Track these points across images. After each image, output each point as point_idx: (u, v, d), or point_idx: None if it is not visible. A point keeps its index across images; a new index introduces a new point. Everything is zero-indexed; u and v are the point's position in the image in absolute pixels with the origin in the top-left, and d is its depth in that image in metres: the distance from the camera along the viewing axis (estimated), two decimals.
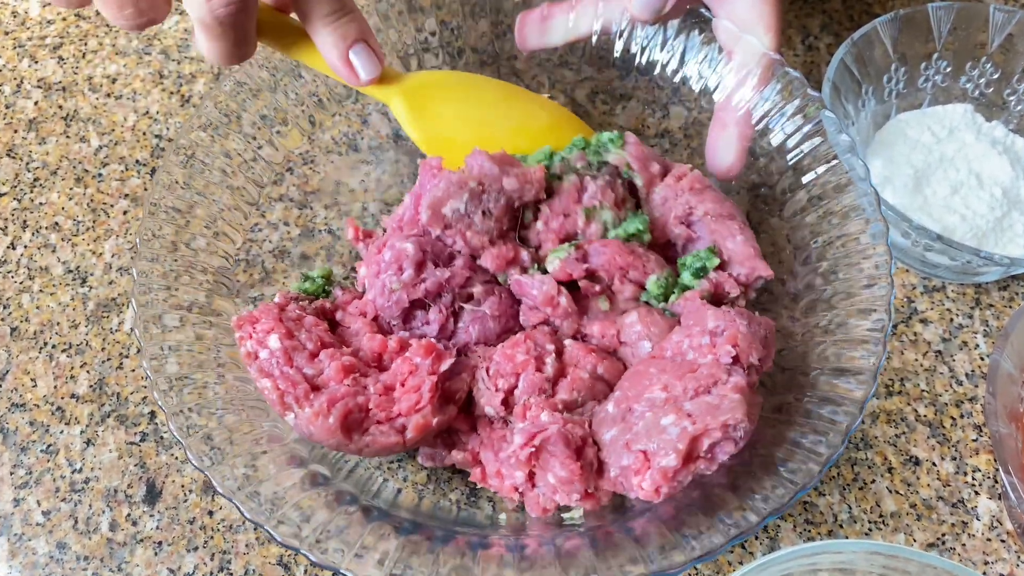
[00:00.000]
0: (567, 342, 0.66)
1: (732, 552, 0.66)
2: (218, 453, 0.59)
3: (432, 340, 0.64)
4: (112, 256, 0.81)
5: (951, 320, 0.76)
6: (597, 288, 0.67)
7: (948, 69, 0.83)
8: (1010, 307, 0.77)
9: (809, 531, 0.67)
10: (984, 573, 0.65)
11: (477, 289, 0.67)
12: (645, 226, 0.69)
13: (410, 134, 0.73)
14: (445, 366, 0.62)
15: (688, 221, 0.70)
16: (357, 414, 0.60)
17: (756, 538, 0.66)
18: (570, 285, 0.67)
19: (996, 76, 0.82)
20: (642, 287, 0.68)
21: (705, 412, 0.56)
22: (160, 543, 0.67)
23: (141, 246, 0.66)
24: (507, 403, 0.63)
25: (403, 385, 0.62)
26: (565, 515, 0.64)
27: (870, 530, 0.67)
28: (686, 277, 0.68)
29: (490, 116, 0.74)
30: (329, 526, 0.57)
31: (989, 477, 0.69)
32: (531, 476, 0.61)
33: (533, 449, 0.59)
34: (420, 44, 0.82)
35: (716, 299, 0.68)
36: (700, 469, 0.57)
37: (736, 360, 0.59)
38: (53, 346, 0.76)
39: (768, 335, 0.62)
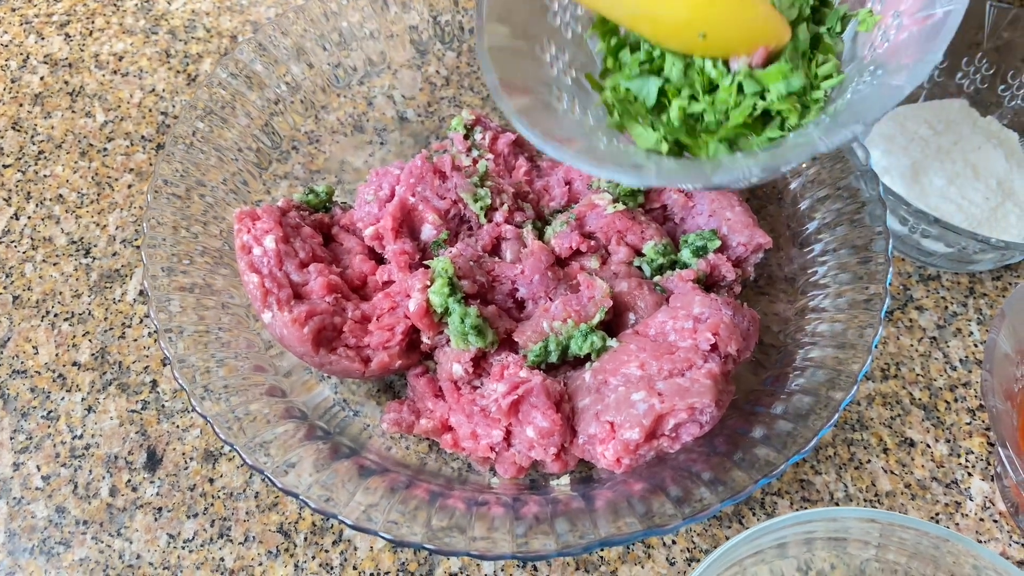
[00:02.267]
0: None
1: (730, 527, 0.66)
2: (217, 398, 0.59)
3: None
4: (116, 228, 0.81)
5: (946, 308, 0.77)
6: (592, 243, 0.70)
7: (944, 65, 0.84)
8: (1003, 296, 0.78)
9: (806, 508, 0.67)
10: None
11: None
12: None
13: None
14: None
15: (688, 190, 0.72)
16: (330, 332, 0.64)
17: (754, 514, 0.67)
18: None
19: (990, 72, 0.84)
20: (638, 252, 0.70)
21: (675, 393, 0.58)
22: (160, 509, 0.67)
23: (152, 197, 0.67)
24: (477, 363, 0.64)
25: (379, 320, 0.65)
26: (554, 482, 0.65)
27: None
28: (685, 254, 0.69)
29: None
30: (325, 477, 0.57)
31: (982, 459, 0.70)
32: (507, 435, 0.62)
33: (516, 398, 0.60)
34: (429, 26, 0.83)
35: (711, 281, 0.70)
36: (663, 446, 0.59)
37: (714, 348, 0.61)
38: (55, 315, 0.76)
39: (751, 327, 0.64)
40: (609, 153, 0.58)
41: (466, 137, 0.76)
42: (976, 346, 0.75)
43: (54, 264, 0.79)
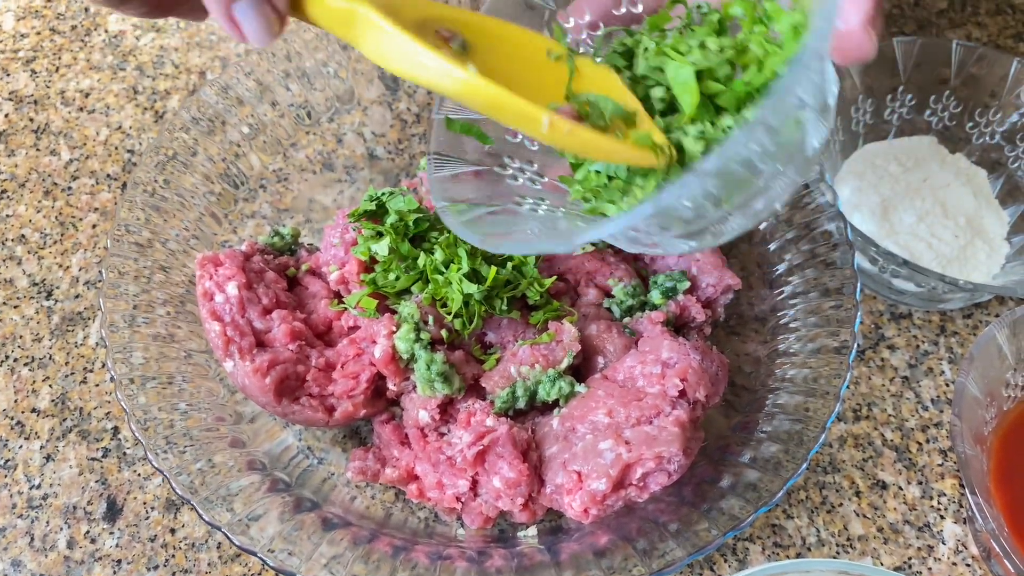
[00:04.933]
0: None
1: (701, 574, 0.65)
2: (181, 452, 0.58)
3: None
4: (79, 270, 0.79)
5: (917, 347, 0.77)
6: (561, 285, 0.69)
7: (913, 102, 0.85)
8: (974, 334, 0.78)
9: (778, 554, 0.67)
10: None
11: None
12: None
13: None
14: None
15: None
16: (293, 381, 0.62)
17: (725, 560, 0.66)
18: None
19: (958, 109, 0.84)
20: (607, 293, 0.70)
21: (642, 442, 0.57)
22: (119, 561, 0.65)
23: (112, 244, 0.66)
24: (444, 409, 0.63)
25: (343, 367, 0.64)
26: (521, 534, 0.63)
27: (838, 553, 0.67)
28: (655, 295, 0.69)
29: None
30: (286, 531, 0.56)
31: (954, 502, 0.69)
32: (473, 484, 0.61)
33: (481, 448, 0.59)
34: None
35: (681, 323, 0.69)
36: (631, 496, 0.59)
37: (683, 394, 0.60)
38: (15, 359, 0.74)
39: (720, 372, 0.63)
40: (557, 230, 0.57)
41: None
42: (947, 386, 0.75)
43: (14, 307, 0.77)
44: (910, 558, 0.67)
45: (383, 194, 0.69)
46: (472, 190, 0.58)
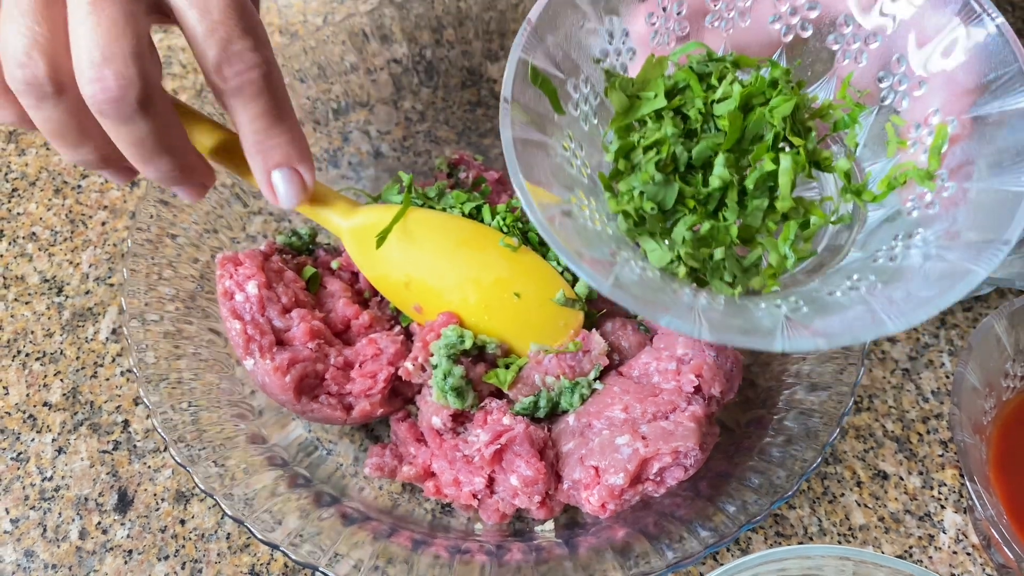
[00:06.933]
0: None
1: (704, 563, 0.66)
2: (200, 449, 0.59)
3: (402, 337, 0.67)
4: (89, 266, 0.80)
5: (918, 339, 0.78)
6: None
7: None
8: (973, 327, 0.79)
9: (780, 543, 0.68)
10: None
11: None
12: None
13: (360, 270, 0.68)
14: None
15: None
16: (312, 379, 0.63)
17: (728, 549, 0.67)
18: None
19: None
20: None
21: (659, 437, 0.58)
22: (130, 552, 0.66)
23: (133, 240, 0.67)
24: (457, 417, 0.63)
25: (362, 366, 0.65)
26: (538, 528, 0.64)
27: (839, 543, 0.68)
28: None
29: (441, 265, 0.65)
30: (307, 527, 0.57)
31: (955, 491, 0.70)
32: (490, 482, 0.62)
33: (498, 447, 0.59)
34: (409, 61, 0.84)
35: None
36: (648, 491, 0.59)
37: (698, 390, 0.61)
38: (27, 354, 0.75)
39: (734, 368, 0.64)
40: (653, 287, 0.50)
41: (449, 175, 0.76)
42: (947, 378, 0.76)
43: (26, 303, 0.78)
44: (911, 547, 0.68)
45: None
46: (541, 167, 0.51)
